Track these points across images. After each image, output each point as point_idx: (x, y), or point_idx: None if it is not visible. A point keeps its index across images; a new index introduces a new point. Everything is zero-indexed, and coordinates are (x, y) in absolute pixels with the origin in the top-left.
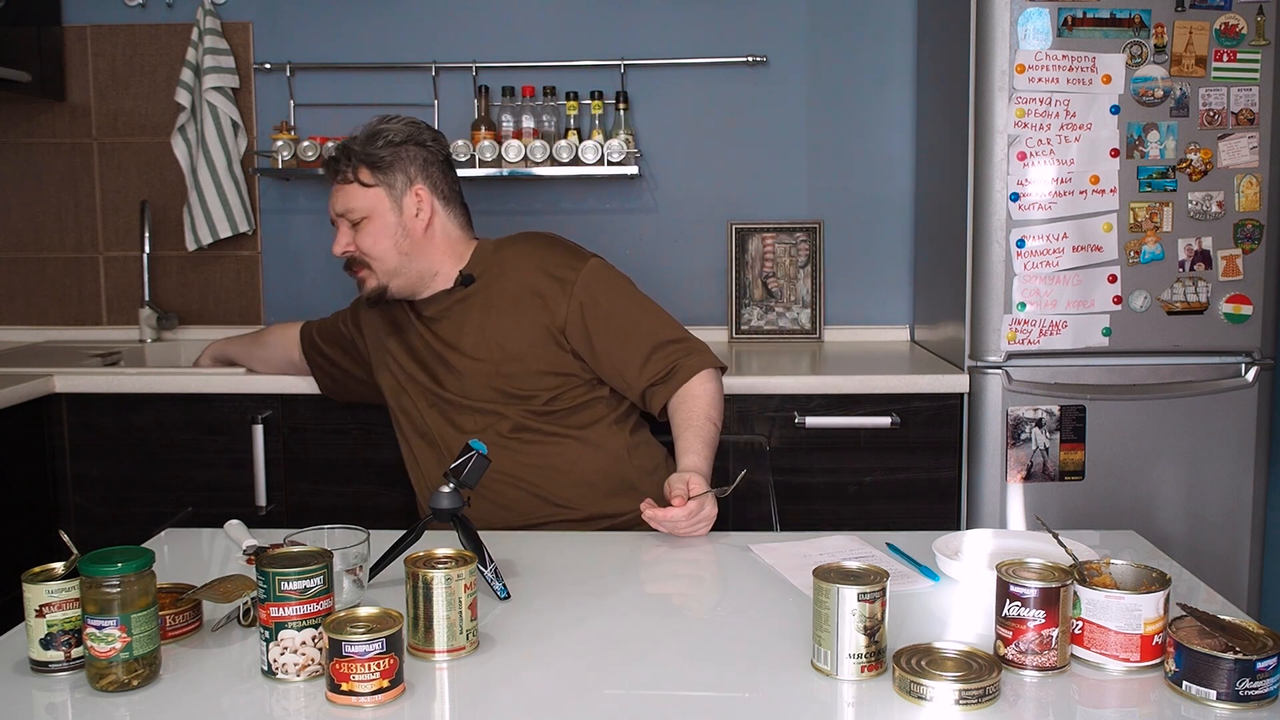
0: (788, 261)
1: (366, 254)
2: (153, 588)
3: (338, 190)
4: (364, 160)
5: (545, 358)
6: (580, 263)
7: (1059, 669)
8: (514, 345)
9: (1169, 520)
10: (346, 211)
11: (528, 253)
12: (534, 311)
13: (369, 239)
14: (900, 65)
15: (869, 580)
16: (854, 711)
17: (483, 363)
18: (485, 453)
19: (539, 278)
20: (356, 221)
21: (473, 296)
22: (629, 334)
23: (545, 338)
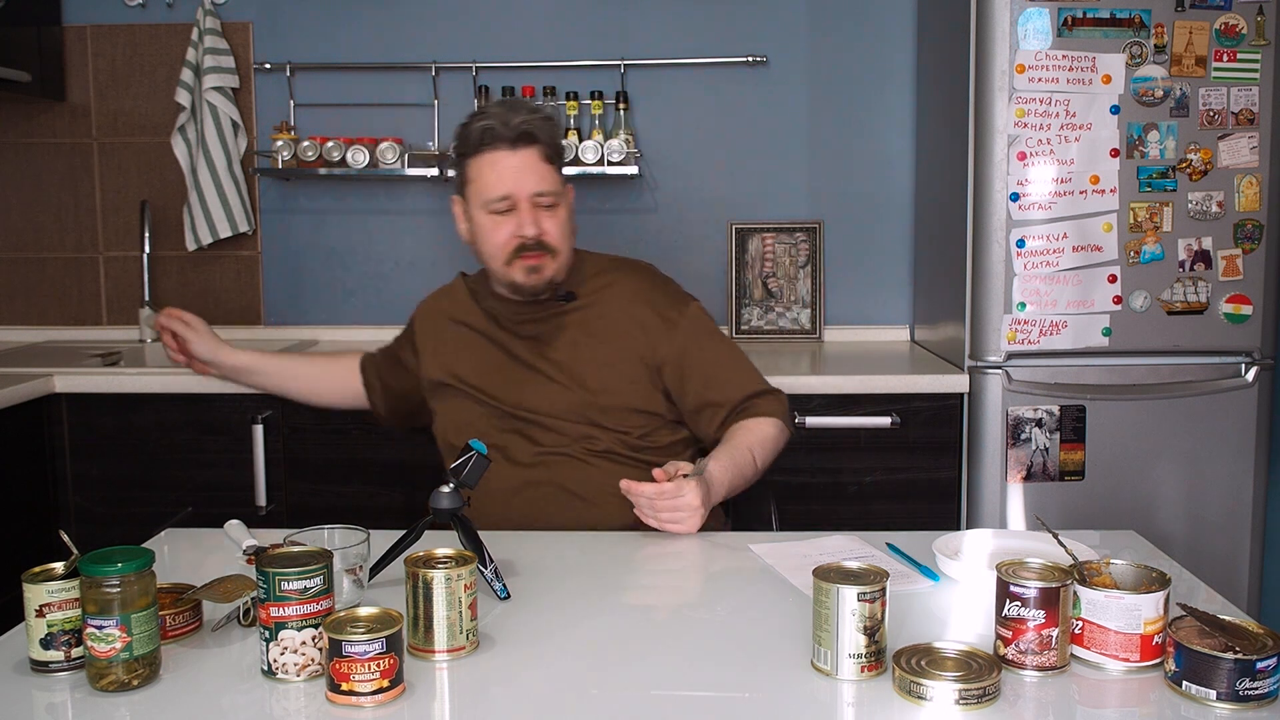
0: (788, 261)
1: (553, 240)
2: (153, 588)
3: (530, 166)
4: (558, 150)
5: (639, 394)
6: (685, 304)
7: (1059, 669)
8: (610, 378)
9: (1169, 520)
10: (543, 192)
11: (634, 284)
12: (634, 345)
13: (558, 225)
14: (900, 65)
15: (869, 580)
16: (854, 711)
17: (573, 390)
18: (485, 452)
19: (644, 311)
20: (548, 206)
21: (569, 314)
22: (724, 384)
23: (641, 372)
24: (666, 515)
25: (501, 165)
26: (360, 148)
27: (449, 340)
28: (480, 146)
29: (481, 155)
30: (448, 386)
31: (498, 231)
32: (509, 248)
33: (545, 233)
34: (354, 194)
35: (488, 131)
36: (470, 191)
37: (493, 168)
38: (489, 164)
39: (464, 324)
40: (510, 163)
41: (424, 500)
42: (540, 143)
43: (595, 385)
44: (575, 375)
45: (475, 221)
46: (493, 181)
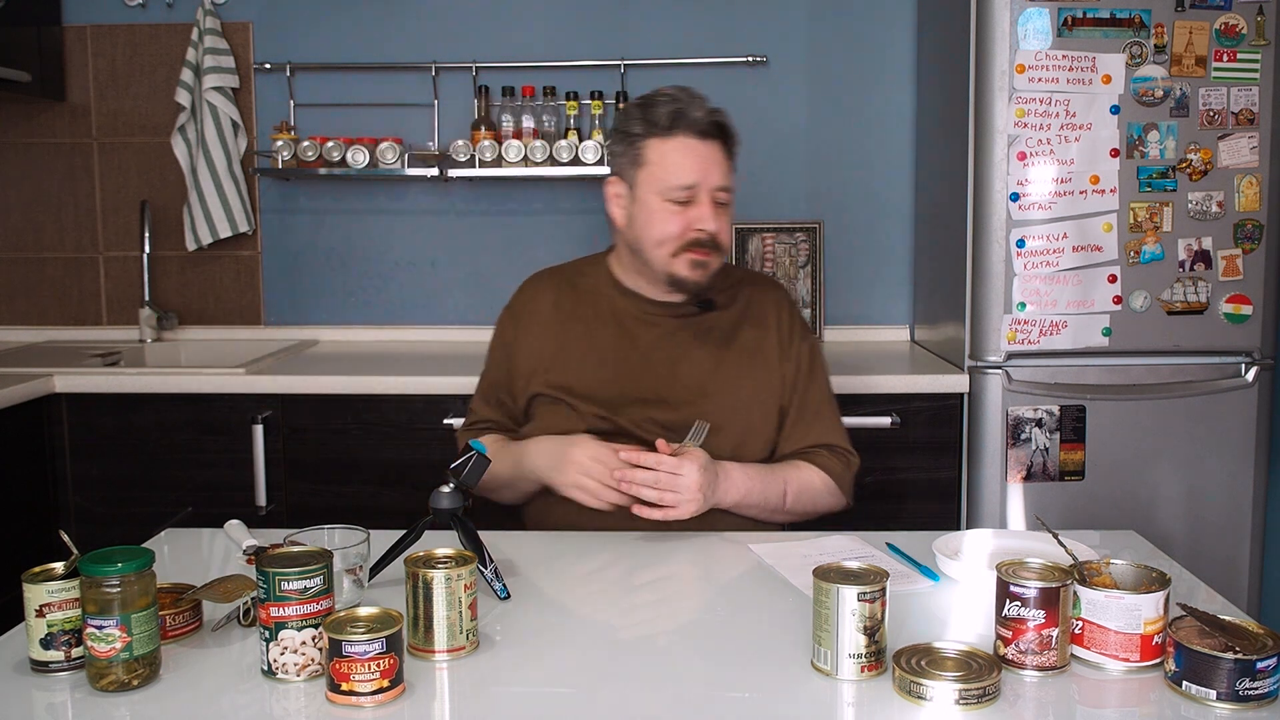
0: (788, 261)
1: (723, 239)
2: (153, 588)
3: (717, 159)
4: (734, 146)
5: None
6: (808, 333)
7: (1059, 669)
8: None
9: (1169, 520)
10: (726, 188)
11: (769, 299)
12: (769, 374)
13: (728, 225)
14: (900, 66)
15: (869, 580)
16: (854, 711)
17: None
18: (485, 452)
19: (774, 334)
20: (723, 204)
21: (704, 323)
22: (808, 426)
23: (772, 407)
24: (668, 498)
25: (692, 153)
26: (360, 148)
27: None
28: (670, 129)
29: (670, 138)
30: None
31: (671, 221)
32: (681, 239)
33: (721, 231)
34: (354, 194)
35: (679, 116)
36: (644, 174)
37: (680, 154)
38: (677, 149)
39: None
40: (699, 152)
41: (424, 500)
42: (726, 137)
43: (723, 417)
44: (704, 395)
45: (644, 206)
46: (679, 168)
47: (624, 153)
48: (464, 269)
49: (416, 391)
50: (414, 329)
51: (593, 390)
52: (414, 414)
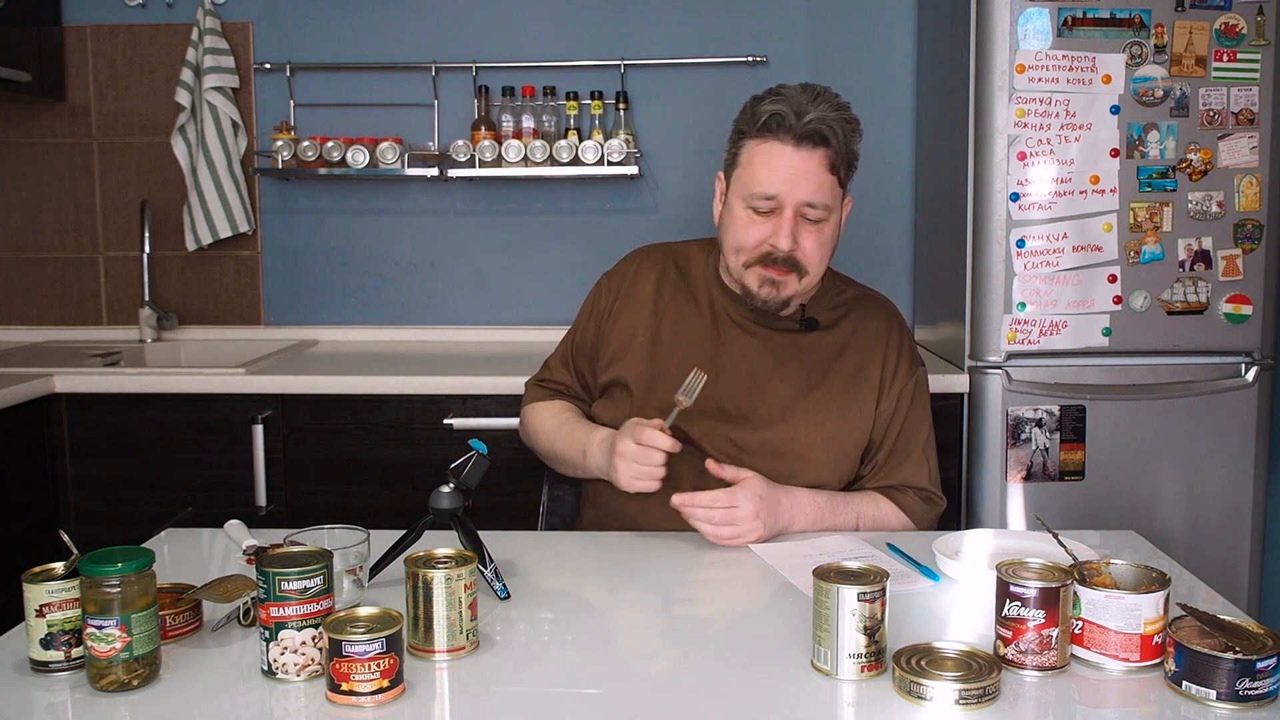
0: None
1: (807, 259)
2: (153, 588)
3: (809, 172)
4: (849, 158)
5: (847, 466)
6: (915, 367)
7: (1059, 669)
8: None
9: (1169, 520)
10: (815, 205)
11: (876, 326)
12: (863, 407)
13: (819, 245)
14: (900, 65)
15: (869, 580)
16: (854, 711)
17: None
18: (485, 452)
19: (878, 364)
20: (814, 220)
21: (802, 342)
22: (901, 464)
23: (859, 441)
24: (725, 532)
25: (778, 161)
26: (360, 148)
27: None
28: (762, 131)
29: (761, 142)
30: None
31: (750, 230)
32: (756, 251)
33: (800, 249)
34: (354, 194)
35: (775, 118)
36: (736, 176)
37: (767, 160)
38: (765, 154)
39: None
40: (789, 161)
41: (424, 500)
42: (829, 146)
43: (803, 445)
44: (787, 420)
45: (730, 209)
46: (763, 176)
47: (729, 149)
48: (464, 269)
49: (416, 391)
50: (414, 329)
51: (674, 388)
52: (414, 414)
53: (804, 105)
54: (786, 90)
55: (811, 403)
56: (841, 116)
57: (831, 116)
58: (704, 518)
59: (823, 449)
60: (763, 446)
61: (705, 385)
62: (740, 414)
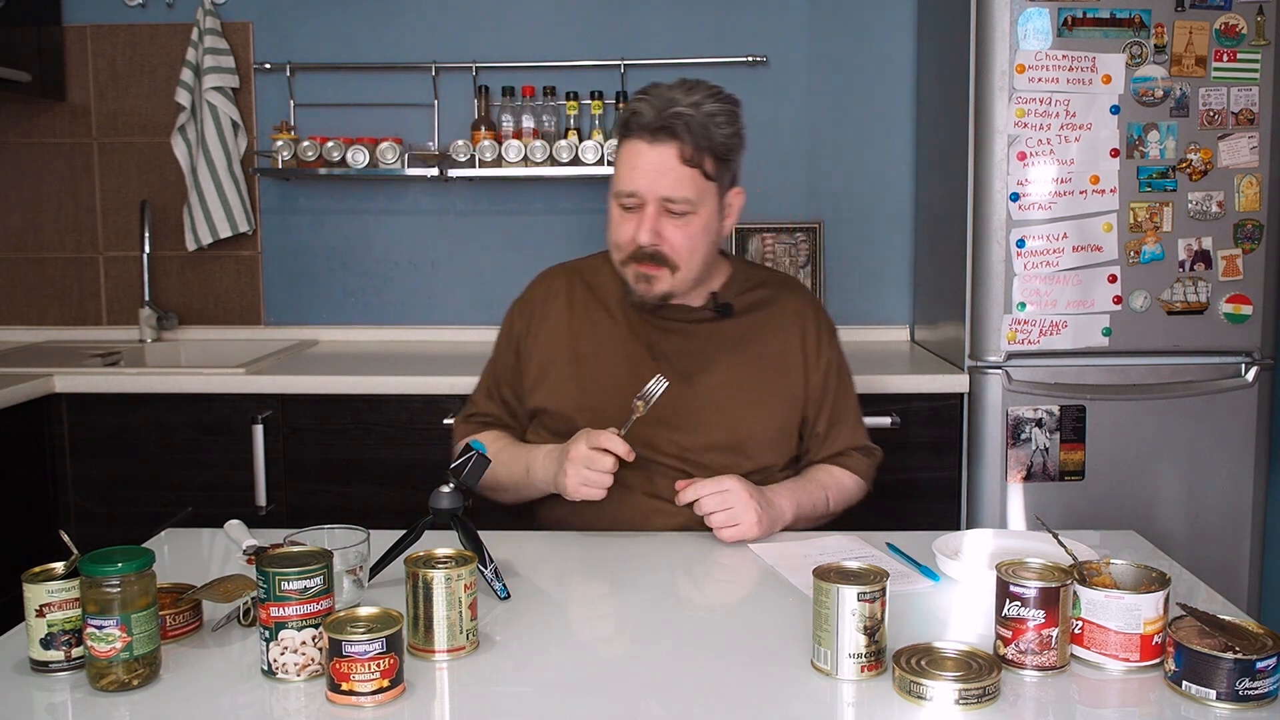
0: (788, 261)
1: (675, 253)
2: (153, 588)
3: (665, 166)
4: (712, 148)
5: (785, 444)
6: (834, 335)
7: (1059, 669)
8: (760, 422)
9: (1169, 520)
10: (675, 200)
11: (792, 306)
12: (790, 383)
13: (687, 238)
14: (900, 65)
15: (869, 580)
16: (854, 711)
17: (714, 421)
18: (485, 452)
19: (799, 341)
20: (679, 214)
21: (722, 331)
22: (838, 430)
23: (793, 418)
24: (720, 518)
25: (636, 158)
26: (360, 148)
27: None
28: (623, 130)
29: (624, 141)
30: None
31: (621, 227)
32: (627, 249)
33: (666, 243)
34: (354, 194)
35: (633, 116)
36: (613, 175)
37: (628, 158)
38: (626, 153)
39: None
40: (645, 157)
41: (424, 500)
42: (683, 140)
43: (743, 431)
44: (724, 413)
45: (608, 208)
46: (624, 173)
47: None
48: (464, 269)
49: (416, 391)
50: (414, 329)
51: (605, 400)
52: (414, 414)
53: (667, 101)
54: (657, 88)
55: (742, 388)
56: (703, 109)
57: (689, 110)
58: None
59: (761, 431)
60: (704, 440)
61: (639, 390)
62: (676, 413)
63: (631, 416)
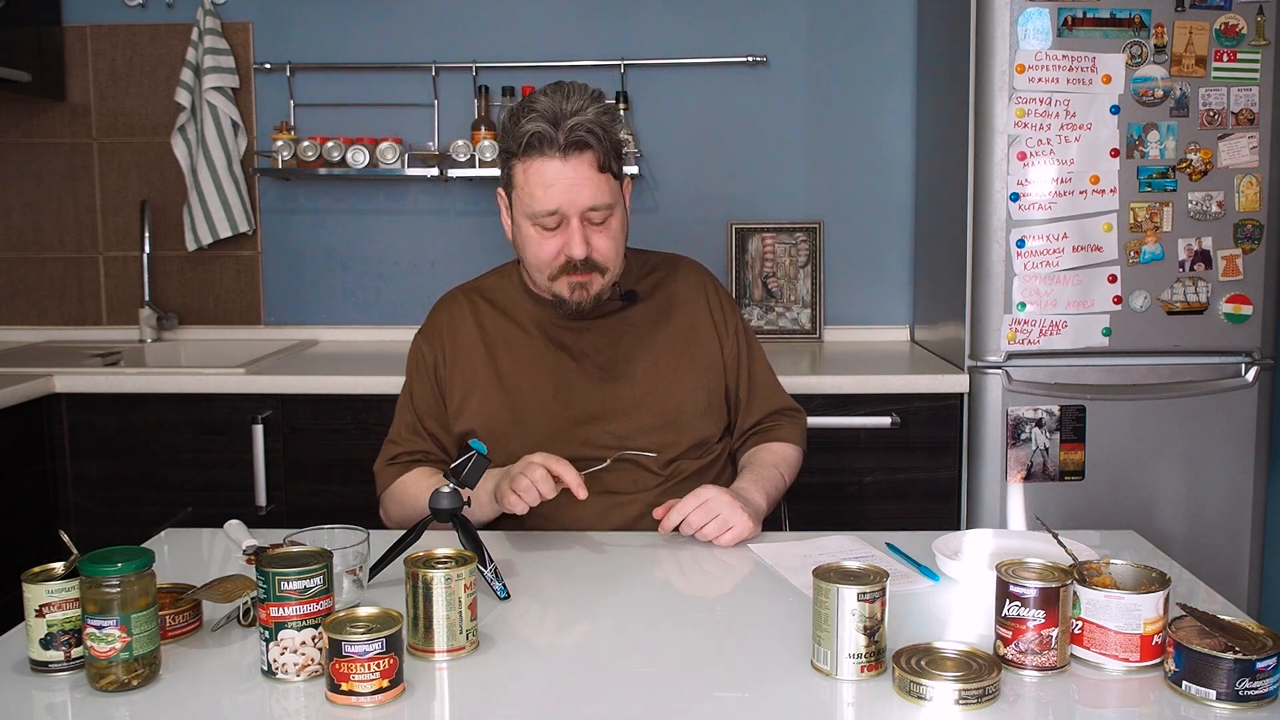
0: (788, 261)
1: (604, 257)
2: (153, 588)
3: (582, 178)
4: (615, 150)
5: (718, 413)
6: (733, 304)
7: (1059, 669)
8: (688, 395)
9: (1169, 520)
10: (597, 207)
11: (690, 281)
12: (708, 353)
13: (611, 241)
14: (900, 65)
15: (869, 580)
16: (854, 711)
17: (648, 409)
18: (485, 452)
19: (705, 313)
20: (600, 221)
21: (631, 317)
22: (759, 397)
23: (717, 386)
24: (713, 527)
25: (550, 177)
26: (360, 148)
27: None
28: (528, 151)
29: (529, 161)
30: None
31: (544, 247)
32: (555, 265)
33: (595, 250)
34: (354, 194)
35: (536, 136)
36: (515, 197)
37: (540, 178)
38: (536, 173)
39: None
40: (561, 175)
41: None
42: (594, 149)
43: (673, 407)
44: (650, 392)
45: (520, 228)
46: (540, 195)
47: (501, 168)
48: (464, 269)
49: None
50: (414, 329)
51: (535, 412)
52: None
53: (560, 112)
54: (540, 102)
55: (663, 367)
56: (597, 111)
57: (589, 117)
58: (696, 523)
59: (690, 403)
60: (638, 424)
61: (568, 399)
62: (606, 406)
63: (600, 465)
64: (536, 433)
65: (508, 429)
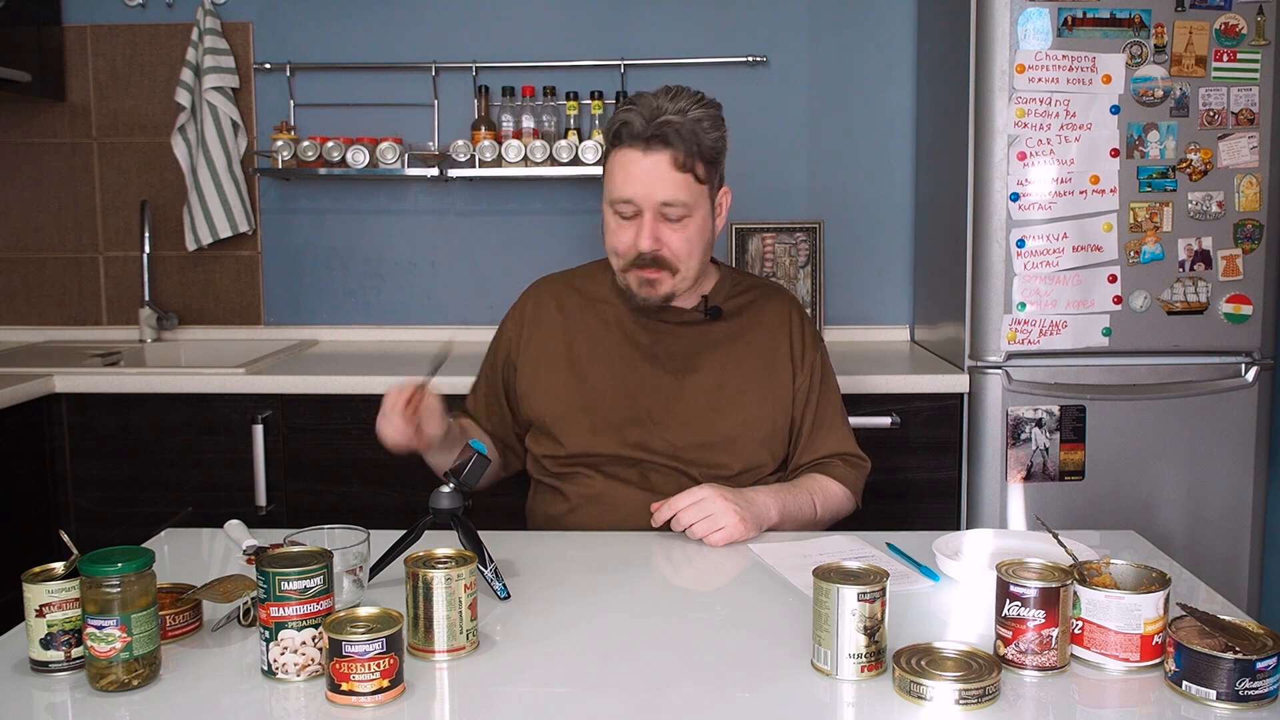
0: (788, 261)
1: (675, 257)
2: (153, 588)
3: (659, 173)
4: (702, 153)
5: (778, 443)
6: (819, 341)
7: (1059, 669)
8: (753, 424)
9: (1169, 520)
10: (671, 204)
11: (778, 307)
12: (779, 383)
13: (684, 241)
14: (900, 65)
15: (869, 580)
16: (854, 711)
17: (705, 420)
18: (485, 453)
19: (786, 342)
20: (675, 219)
21: (712, 332)
22: (824, 435)
23: (784, 413)
24: (702, 527)
25: (630, 167)
26: (360, 148)
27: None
28: (615, 140)
29: (616, 151)
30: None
31: (620, 235)
32: (627, 256)
33: (666, 247)
34: (354, 194)
35: (624, 126)
36: (605, 185)
37: (622, 168)
38: (619, 163)
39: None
40: (640, 166)
41: (424, 500)
42: (675, 147)
43: (731, 429)
44: (714, 409)
45: (604, 216)
46: (619, 182)
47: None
48: (464, 269)
49: None
50: (414, 329)
51: (599, 402)
52: None
53: (655, 110)
54: (642, 97)
55: (731, 387)
56: (690, 115)
57: (677, 117)
58: (686, 520)
59: (750, 429)
60: (695, 438)
61: (633, 397)
62: (668, 412)
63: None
64: (599, 422)
65: (574, 414)
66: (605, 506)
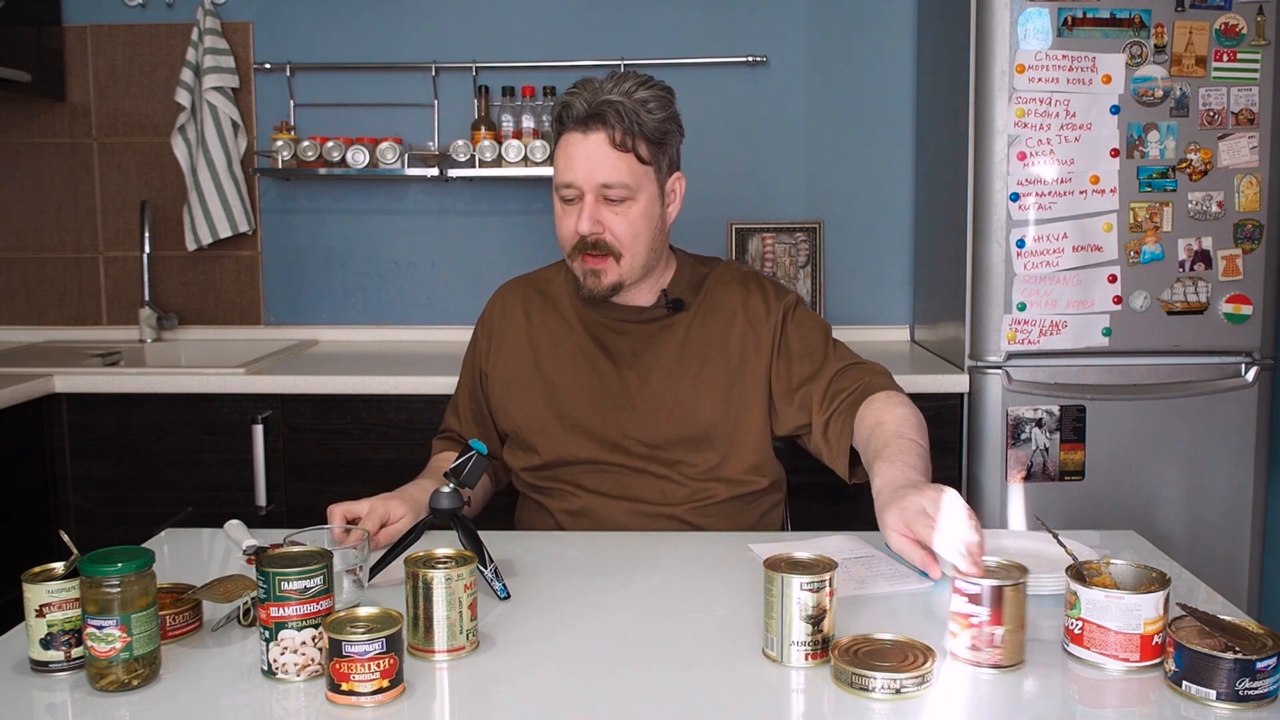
0: (788, 261)
1: (618, 241)
2: (153, 588)
3: (601, 156)
4: (644, 133)
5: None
6: (784, 292)
7: (1006, 667)
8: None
9: (1169, 520)
10: (611, 185)
11: (743, 292)
12: (749, 362)
13: (628, 225)
14: (900, 65)
15: (814, 570)
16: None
17: (674, 415)
18: (485, 452)
19: (746, 318)
20: (617, 200)
21: (674, 325)
22: (822, 358)
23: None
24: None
25: (571, 149)
26: (360, 148)
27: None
28: (558, 125)
29: (562, 134)
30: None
31: (564, 221)
32: (570, 241)
33: (608, 231)
34: (354, 194)
35: (565, 109)
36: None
37: (564, 151)
38: (562, 146)
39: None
40: (580, 148)
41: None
42: (613, 126)
43: (703, 420)
44: (679, 402)
45: (554, 206)
46: (561, 166)
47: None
48: (464, 269)
49: (416, 391)
50: (414, 329)
51: (572, 409)
52: (414, 414)
53: (596, 91)
54: (588, 82)
55: (700, 380)
56: (634, 96)
57: (619, 98)
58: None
59: (723, 421)
60: (668, 435)
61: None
62: (638, 412)
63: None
64: (575, 430)
65: (549, 423)
66: (590, 521)
